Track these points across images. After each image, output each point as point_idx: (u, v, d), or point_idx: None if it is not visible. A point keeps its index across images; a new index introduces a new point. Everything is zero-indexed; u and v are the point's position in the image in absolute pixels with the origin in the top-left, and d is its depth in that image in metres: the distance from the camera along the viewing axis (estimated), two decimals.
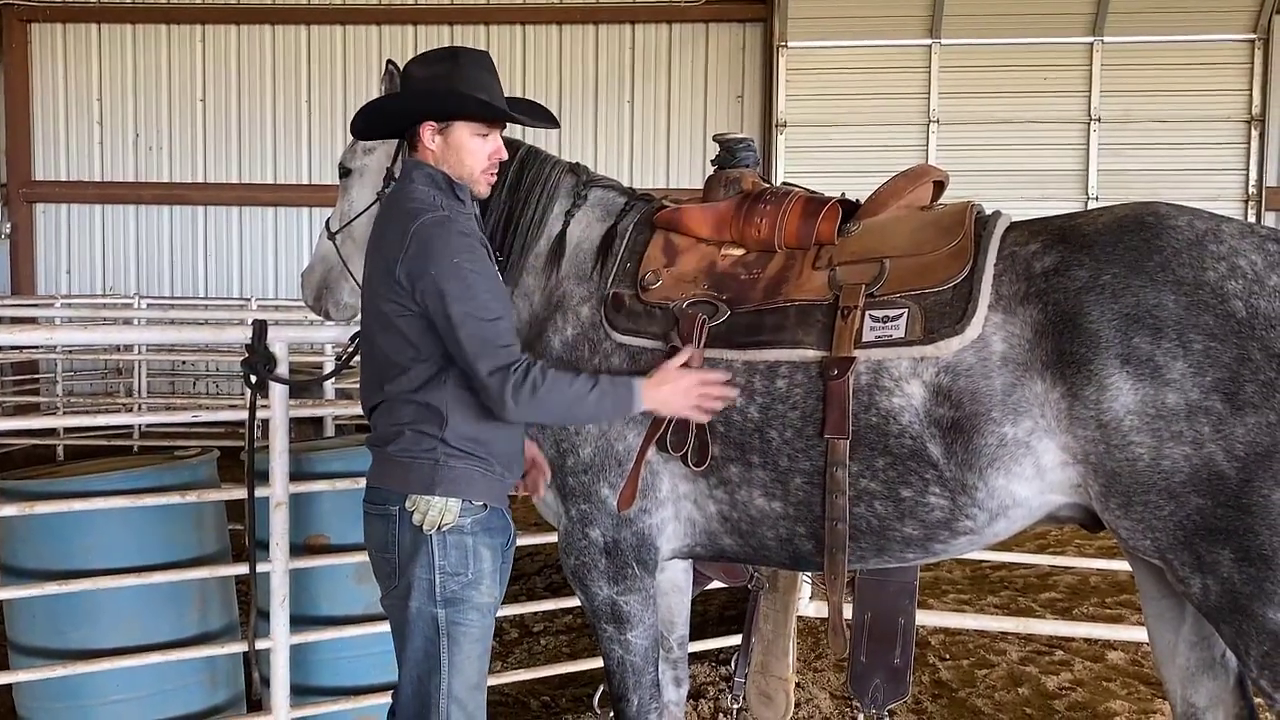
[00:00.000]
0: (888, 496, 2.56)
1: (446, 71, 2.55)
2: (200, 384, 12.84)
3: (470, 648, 2.53)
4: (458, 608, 2.50)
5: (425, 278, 2.44)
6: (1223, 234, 2.36)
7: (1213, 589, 2.31)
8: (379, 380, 2.58)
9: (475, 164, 2.59)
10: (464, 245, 2.46)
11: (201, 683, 3.65)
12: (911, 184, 2.89)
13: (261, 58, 13.17)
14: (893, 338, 2.52)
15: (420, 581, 2.51)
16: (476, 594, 2.52)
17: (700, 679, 4.67)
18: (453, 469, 2.49)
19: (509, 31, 12.98)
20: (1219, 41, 11.87)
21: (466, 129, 2.56)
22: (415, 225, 2.47)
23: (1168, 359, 2.27)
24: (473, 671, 2.54)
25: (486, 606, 2.56)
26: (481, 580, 2.53)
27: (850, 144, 11.89)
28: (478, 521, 2.54)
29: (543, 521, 3.14)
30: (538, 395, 2.42)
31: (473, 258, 2.46)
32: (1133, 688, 4.80)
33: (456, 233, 2.47)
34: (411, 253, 2.46)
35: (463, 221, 2.53)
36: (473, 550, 2.52)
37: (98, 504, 3.37)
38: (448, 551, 2.49)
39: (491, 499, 2.57)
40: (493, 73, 2.62)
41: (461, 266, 2.43)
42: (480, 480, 2.53)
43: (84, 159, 13.43)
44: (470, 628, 2.52)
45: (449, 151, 2.57)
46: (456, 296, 2.42)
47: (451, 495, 2.49)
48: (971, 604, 6.10)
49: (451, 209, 2.53)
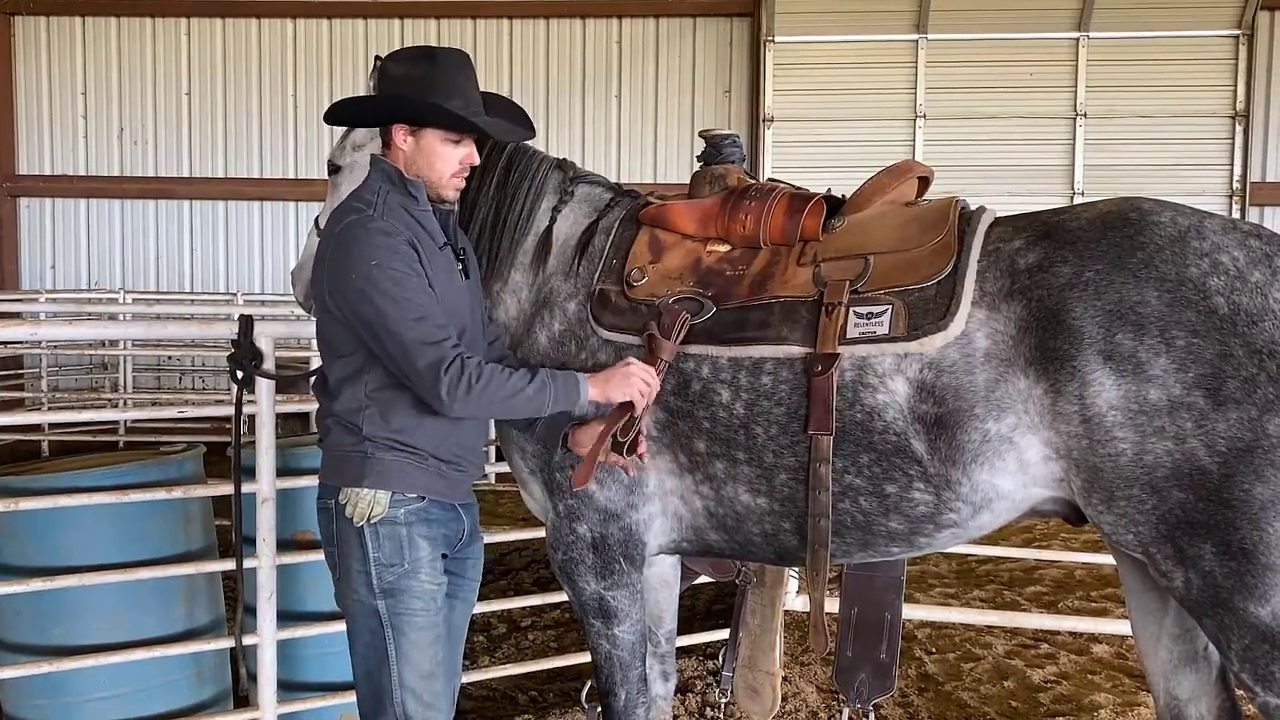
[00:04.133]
0: (872, 492, 2.57)
1: (422, 74, 2.52)
2: (186, 379, 12.77)
3: (417, 636, 2.52)
4: (398, 598, 2.50)
5: (344, 282, 2.44)
6: (1206, 230, 2.38)
7: (1194, 583, 2.32)
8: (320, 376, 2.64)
9: (445, 169, 2.58)
10: (383, 247, 2.43)
11: (188, 679, 3.65)
12: (896, 180, 2.89)
13: (247, 52, 13.09)
14: (877, 334, 2.53)
15: (357, 574, 2.53)
16: (415, 583, 2.52)
17: (688, 673, 4.68)
18: (381, 461, 2.50)
19: (495, 26, 12.94)
20: (1204, 37, 11.91)
21: (438, 135, 2.55)
22: (338, 228, 2.50)
23: (1150, 355, 2.28)
24: (423, 659, 2.54)
25: (429, 594, 2.54)
26: (419, 569, 2.52)
27: (837, 139, 11.90)
28: (412, 512, 2.53)
29: (530, 517, 3.15)
30: (474, 391, 2.40)
31: (394, 258, 2.43)
32: (1117, 680, 4.84)
33: (378, 233, 2.44)
34: (330, 256, 2.48)
35: (394, 219, 2.49)
36: (407, 540, 2.52)
37: (83, 500, 3.36)
38: (381, 543, 2.50)
39: (430, 491, 2.56)
40: (470, 76, 2.60)
41: (381, 268, 2.41)
42: (414, 472, 2.53)
43: (68, 153, 13.33)
44: (414, 616, 2.52)
45: (419, 154, 2.57)
46: (376, 301, 2.40)
47: (380, 487, 2.50)
48: (958, 598, 6.13)
49: (389, 208, 2.51)
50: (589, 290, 2.89)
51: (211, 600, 3.80)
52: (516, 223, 3.01)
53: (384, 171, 2.58)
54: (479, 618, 5.46)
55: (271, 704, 3.51)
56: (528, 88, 12.94)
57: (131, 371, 11.39)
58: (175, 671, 3.59)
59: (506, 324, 2.98)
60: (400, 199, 2.55)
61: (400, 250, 2.45)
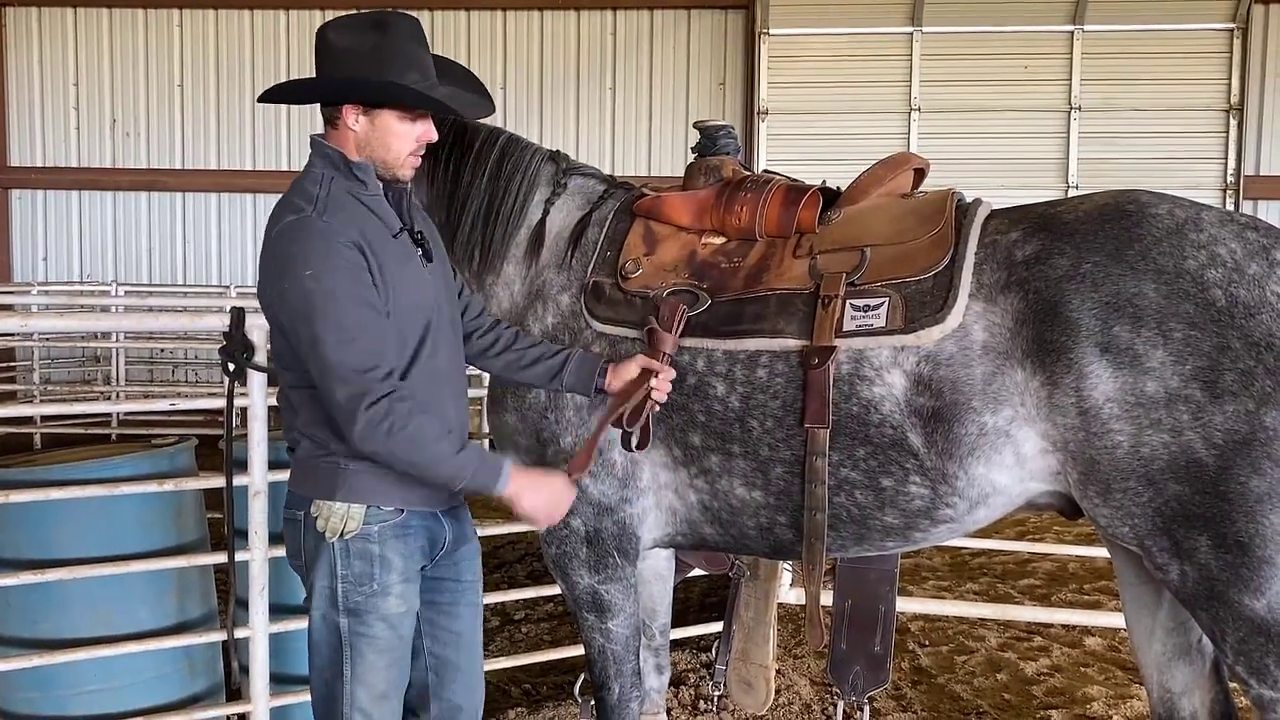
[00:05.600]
0: (868, 486, 2.56)
1: (373, 46, 2.28)
2: (179, 372, 12.75)
3: (375, 658, 2.39)
4: (361, 618, 2.36)
5: (277, 291, 2.24)
6: (1203, 222, 2.37)
7: (1190, 575, 2.32)
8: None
9: (402, 148, 2.36)
10: (318, 253, 2.20)
11: (180, 672, 3.63)
12: (892, 172, 2.88)
13: (240, 43, 13.05)
14: (873, 327, 2.51)
15: (322, 590, 2.39)
16: (383, 604, 2.37)
17: (681, 666, 4.68)
18: (356, 474, 2.33)
19: (489, 17, 12.90)
20: (1199, 30, 11.93)
21: (394, 114, 2.32)
22: (275, 229, 2.29)
23: (1147, 347, 2.27)
24: (379, 681, 2.40)
25: (395, 617, 2.40)
26: (389, 591, 2.37)
27: (832, 131, 11.90)
28: (387, 528, 2.37)
29: None
30: (392, 437, 2.19)
31: (329, 270, 2.19)
32: (1110, 673, 4.84)
33: (316, 237, 2.22)
34: (263, 262, 2.29)
35: (338, 215, 2.27)
36: (379, 559, 2.36)
37: (74, 493, 3.34)
38: (350, 561, 2.35)
39: (409, 502, 2.39)
40: (423, 43, 2.37)
41: (316, 279, 2.19)
42: (390, 483, 2.35)
43: (60, 145, 13.28)
44: (375, 639, 2.38)
45: (374, 135, 2.33)
46: (306, 316, 2.19)
47: (354, 501, 2.34)
48: (951, 591, 6.14)
49: (334, 200, 2.29)
50: (583, 282, 2.87)
51: (203, 593, 3.78)
52: (509, 215, 3.00)
53: (327, 157, 2.35)
54: None
55: (264, 697, 3.50)
56: (521, 79, 12.92)
57: (124, 364, 11.35)
58: (167, 665, 3.57)
59: (498, 316, 2.96)
60: (347, 184, 2.33)
61: (339, 257, 2.21)
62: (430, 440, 2.25)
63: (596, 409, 2.75)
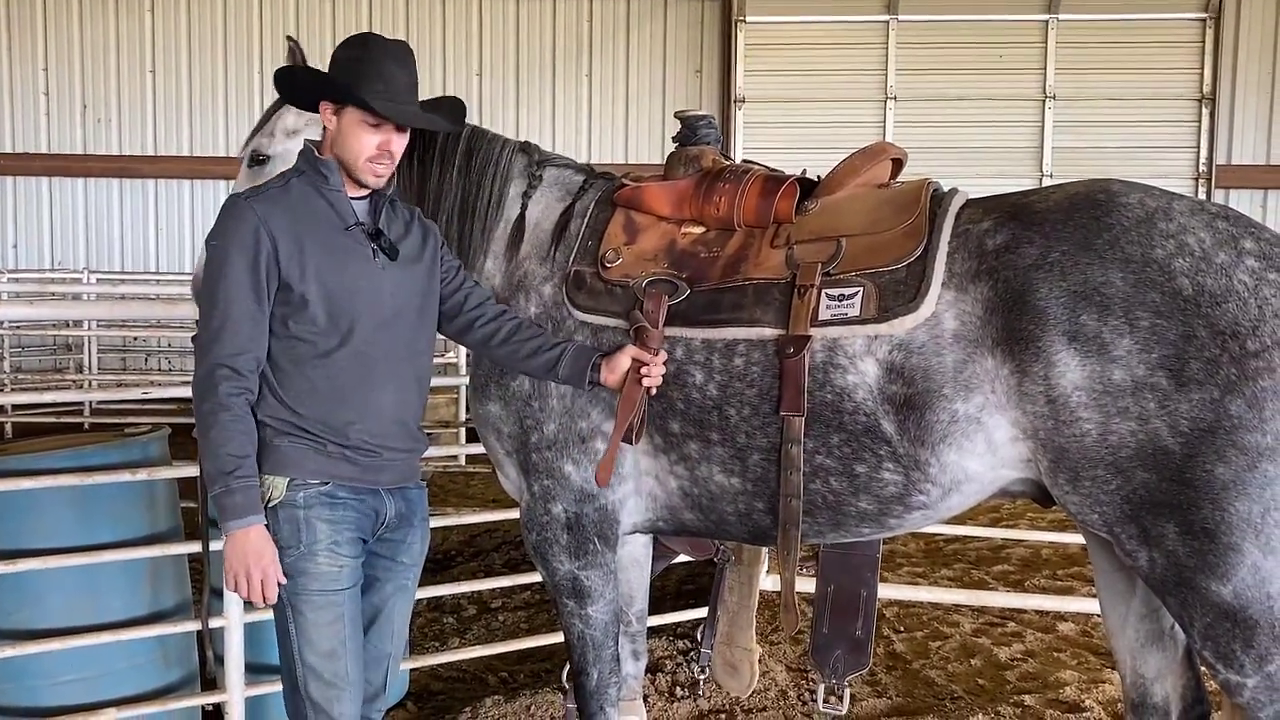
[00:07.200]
0: (842, 472, 2.58)
1: (354, 58, 2.54)
2: (152, 360, 12.64)
3: (314, 615, 2.51)
4: (294, 579, 2.50)
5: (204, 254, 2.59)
6: (1173, 212, 2.39)
7: (1158, 562, 2.35)
8: None
9: (361, 151, 2.53)
10: (227, 231, 2.46)
11: (154, 662, 3.62)
12: (869, 162, 2.90)
13: (212, 27, 12.90)
14: (848, 316, 2.53)
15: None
16: (312, 565, 2.51)
17: (658, 652, 4.70)
18: (277, 448, 2.50)
19: (464, 4, 12.84)
20: (1172, 20, 12.03)
21: (356, 115, 2.52)
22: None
23: (1114, 336, 2.30)
24: (322, 639, 2.53)
25: (327, 575, 2.52)
26: (316, 552, 2.51)
27: (809, 120, 11.92)
28: (311, 496, 2.51)
29: (500, 498, 3.15)
30: (201, 405, 2.43)
31: (230, 248, 2.45)
32: (1083, 658, 4.90)
33: (233, 217, 2.48)
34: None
35: (273, 201, 2.51)
36: (304, 523, 2.51)
37: (46, 482, 3.32)
38: (279, 526, 2.50)
39: (336, 476, 2.53)
40: (403, 65, 2.56)
41: (218, 250, 2.47)
42: (313, 457, 2.51)
43: (30, 131, 13.09)
44: (310, 596, 2.51)
45: (340, 133, 2.55)
46: (205, 281, 2.50)
47: (276, 473, 2.50)
48: (925, 577, 6.19)
49: (284, 188, 2.54)
50: (564, 272, 2.88)
51: (177, 583, 3.76)
52: (486, 211, 3.00)
53: (304, 151, 2.61)
54: (449, 599, 5.46)
55: (239, 687, 3.50)
56: (497, 67, 12.86)
57: (96, 352, 11.25)
58: (141, 655, 3.56)
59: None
60: (311, 178, 2.56)
61: (240, 239, 2.45)
62: (213, 431, 2.42)
63: (595, 405, 2.79)
